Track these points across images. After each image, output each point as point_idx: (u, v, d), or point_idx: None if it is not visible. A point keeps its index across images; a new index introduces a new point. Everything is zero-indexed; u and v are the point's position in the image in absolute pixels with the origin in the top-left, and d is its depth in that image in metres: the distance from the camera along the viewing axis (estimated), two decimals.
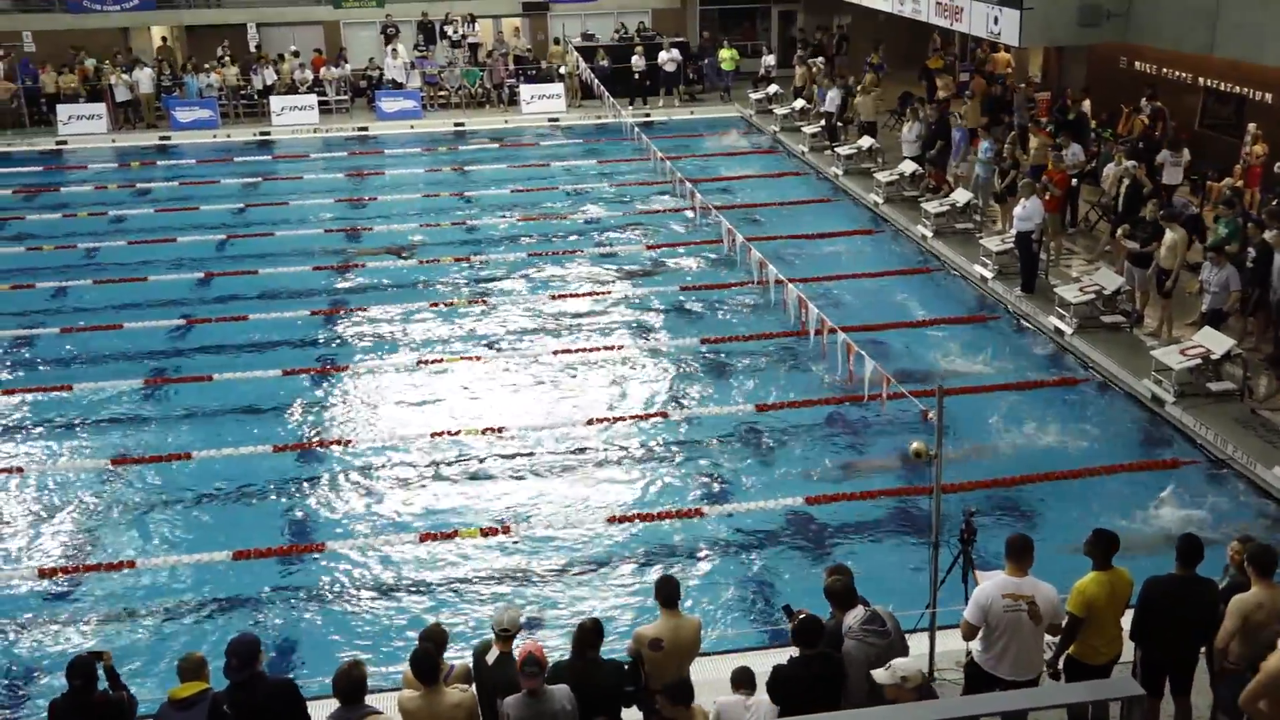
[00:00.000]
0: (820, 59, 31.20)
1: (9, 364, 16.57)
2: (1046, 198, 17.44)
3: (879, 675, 6.55)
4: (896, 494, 12.50)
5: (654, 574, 10.44)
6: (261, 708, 6.84)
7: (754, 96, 31.55)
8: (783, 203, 23.54)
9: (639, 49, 32.58)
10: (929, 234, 20.30)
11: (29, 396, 15.36)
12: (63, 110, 30.77)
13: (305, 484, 13.08)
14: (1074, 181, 19.17)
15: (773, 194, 24.25)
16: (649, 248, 21.26)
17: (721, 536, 11.91)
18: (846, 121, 26.93)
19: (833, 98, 26.79)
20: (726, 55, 33.14)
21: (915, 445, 8.71)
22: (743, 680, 7.10)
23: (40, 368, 16.41)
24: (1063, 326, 16.08)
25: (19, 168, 27.87)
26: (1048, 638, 7.69)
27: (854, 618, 7.17)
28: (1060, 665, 7.76)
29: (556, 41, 34.73)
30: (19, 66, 32.17)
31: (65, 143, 30.07)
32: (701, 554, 11.63)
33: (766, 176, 25.81)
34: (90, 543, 12.00)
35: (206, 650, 7.47)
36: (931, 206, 20.54)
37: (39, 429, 14.50)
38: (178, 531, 12.17)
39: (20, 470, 13.41)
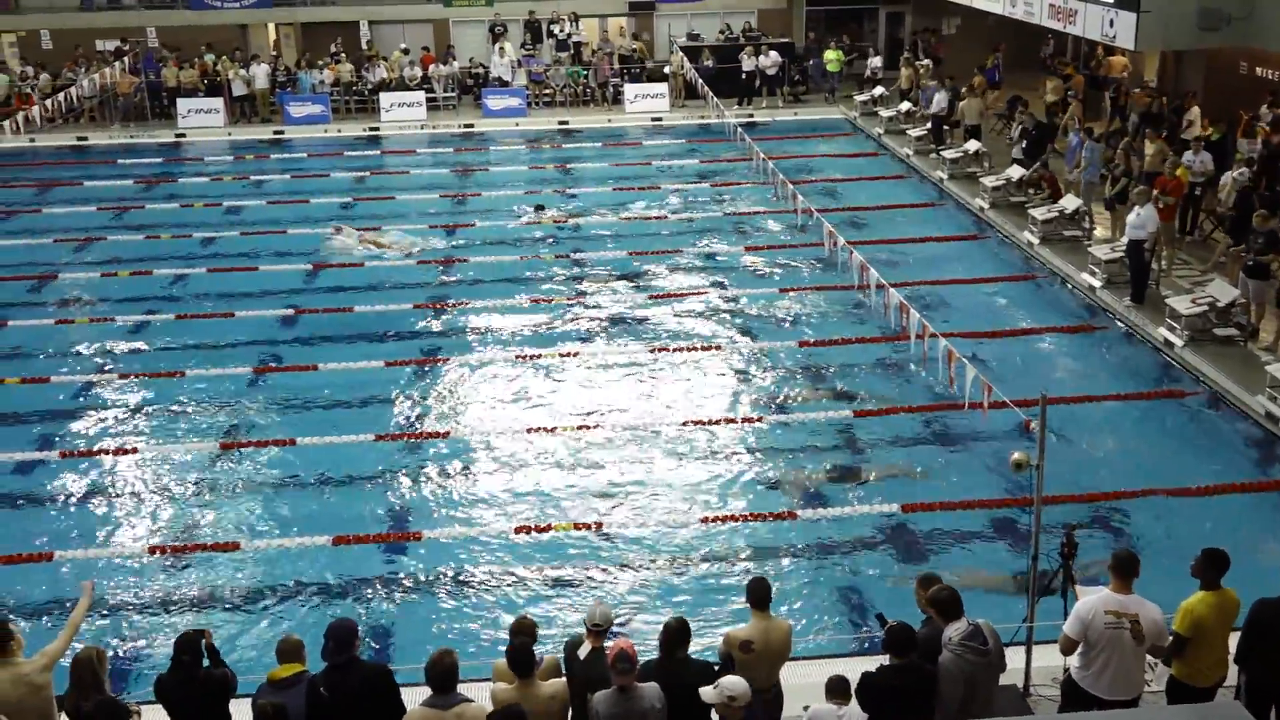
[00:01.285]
0: (927, 60, 30.79)
1: (127, 348, 17.13)
2: (1160, 206, 16.98)
3: (706, 694, 6.59)
4: (995, 504, 12.28)
5: (745, 575, 10.43)
6: (357, 691, 6.99)
7: (859, 98, 31.25)
8: (886, 206, 23.28)
9: (747, 49, 32.48)
10: (1035, 240, 19.90)
11: (145, 380, 15.88)
12: (182, 104, 31.77)
13: (405, 473, 13.31)
14: (1197, 190, 18.65)
15: (876, 197, 24.00)
16: (749, 249, 21.20)
17: (814, 540, 11.84)
18: (953, 124, 26.53)
19: (939, 100, 26.41)
20: (832, 56, 32.86)
21: (1016, 455, 8.56)
22: (837, 689, 7.05)
23: (156, 352, 16.94)
24: (1173, 339, 15.64)
25: (140, 159, 28.84)
26: (1149, 658, 7.51)
27: (955, 630, 7.06)
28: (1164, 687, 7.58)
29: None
30: (143, 62, 33.30)
31: (184, 135, 31.04)
32: (793, 557, 11.57)
33: (870, 179, 25.54)
34: (198, 523, 12.36)
35: (303, 634, 7.65)
36: (1039, 212, 20.13)
37: (153, 411, 14.98)
38: (281, 516, 12.46)
39: (135, 450, 13.88)
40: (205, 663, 7.38)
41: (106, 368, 16.41)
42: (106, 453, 13.83)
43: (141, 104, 32.43)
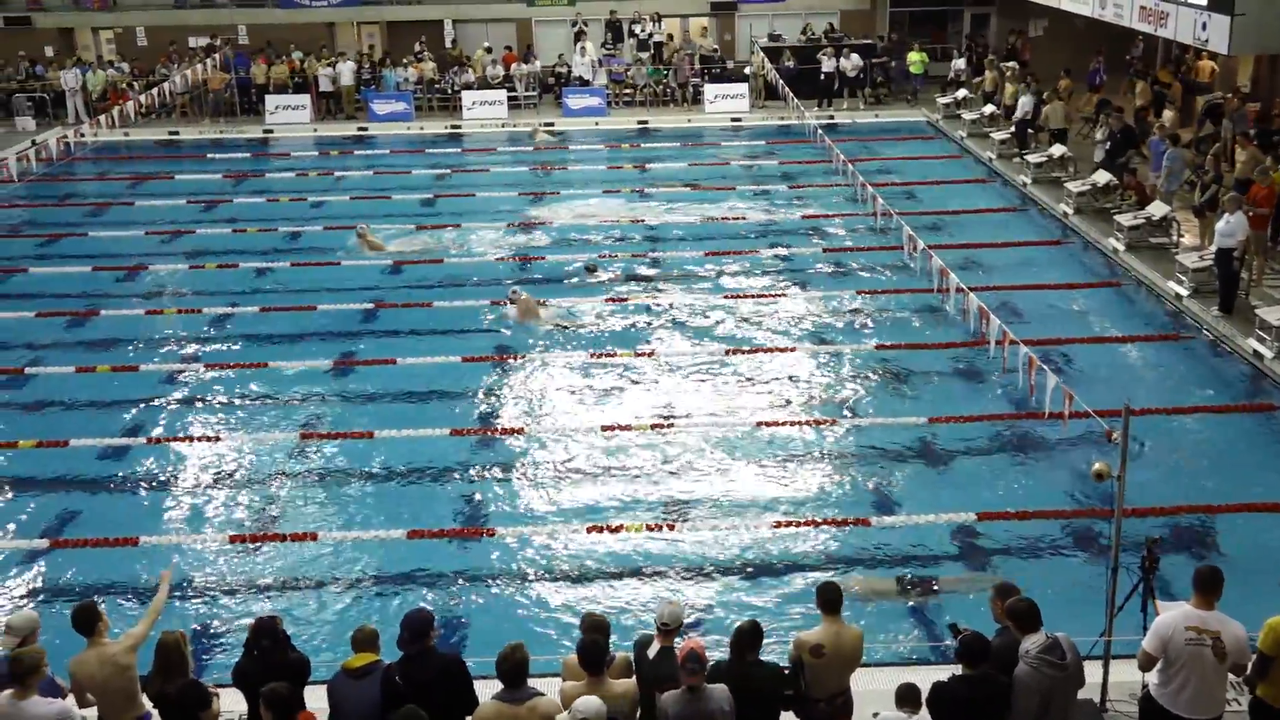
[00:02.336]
0: (1012, 63, 30.34)
1: (212, 338, 17.51)
2: (1250, 214, 16.55)
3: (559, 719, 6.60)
4: (1073, 515, 12.07)
5: (816, 580, 10.37)
6: (432, 681, 7.08)
7: (941, 100, 30.91)
8: (967, 210, 22.98)
9: (828, 50, 32.27)
10: (1121, 247, 19.51)
11: (229, 371, 16.23)
12: (271, 100, 32.43)
13: (479, 469, 13.43)
14: None
15: (957, 200, 23.71)
16: (826, 250, 21.06)
17: (886, 547, 11.73)
18: (1037, 128, 26.11)
19: (1024, 104, 26.00)
20: (915, 58, 32.54)
21: (1097, 466, 8.40)
22: (908, 697, 6.99)
23: (240, 343, 17.30)
24: (1263, 350, 15.24)
25: (229, 154, 29.49)
26: (1231, 677, 7.33)
27: (1033, 642, 6.96)
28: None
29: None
30: (234, 58, 34.04)
31: (271, 131, 31.66)
32: (865, 563, 11.47)
33: (951, 183, 25.24)
34: (276, 512, 12.60)
35: (377, 623, 7.75)
36: (1125, 219, 19.74)
37: (236, 401, 15.31)
38: (357, 507, 12.66)
39: (218, 439, 14.19)
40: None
41: (192, 357, 16.79)
42: (191, 440, 14.17)
43: (231, 100, 33.14)
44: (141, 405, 15.25)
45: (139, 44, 35.70)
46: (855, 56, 32.21)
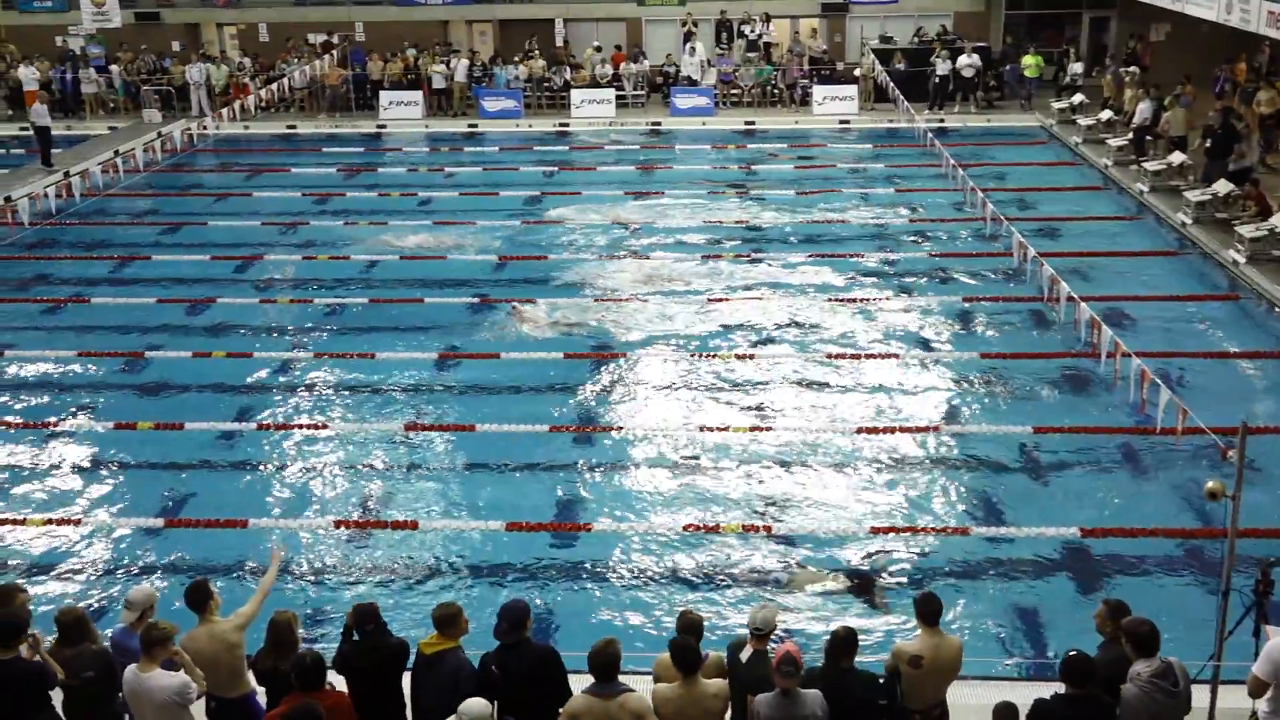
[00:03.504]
0: (1132, 67, 29.55)
1: (322, 328, 17.93)
2: None
3: None
4: (1184, 535, 11.74)
5: (913, 588, 10.25)
6: (527, 671, 7.18)
7: (1056, 106, 30.24)
8: (1081, 218, 22.47)
9: (941, 53, 31.80)
10: (1241, 260, 18.89)
11: (338, 360, 16.61)
12: (385, 96, 33.09)
13: (577, 464, 13.54)
14: None
15: (1070, 208, 23.18)
16: (933, 255, 20.78)
17: (986, 558, 11.54)
18: (1156, 136, 25.40)
19: (1143, 110, 25.31)
20: (1031, 62, 31.87)
21: (1211, 484, 8.15)
22: (1006, 715, 6.87)
23: (348, 334, 17.68)
24: None
25: (343, 148, 30.19)
26: None
27: (1146, 666, 6.78)
28: None
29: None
30: (351, 55, 34.82)
31: (385, 126, 32.31)
32: (963, 574, 11.30)
33: (1064, 190, 24.68)
34: (380, 501, 12.87)
35: (472, 614, 7.81)
36: (1246, 230, 19.10)
37: (344, 391, 15.65)
38: (458, 499, 12.86)
39: (325, 427, 14.54)
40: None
41: (303, 346, 17.22)
42: (300, 427, 14.54)
43: (347, 95, 33.88)
44: (253, 391, 15.69)
45: (261, 40, 36.70)
46: (975, 57, 31.67)
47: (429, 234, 22.46)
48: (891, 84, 30.50)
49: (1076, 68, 32.01)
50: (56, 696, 7.63)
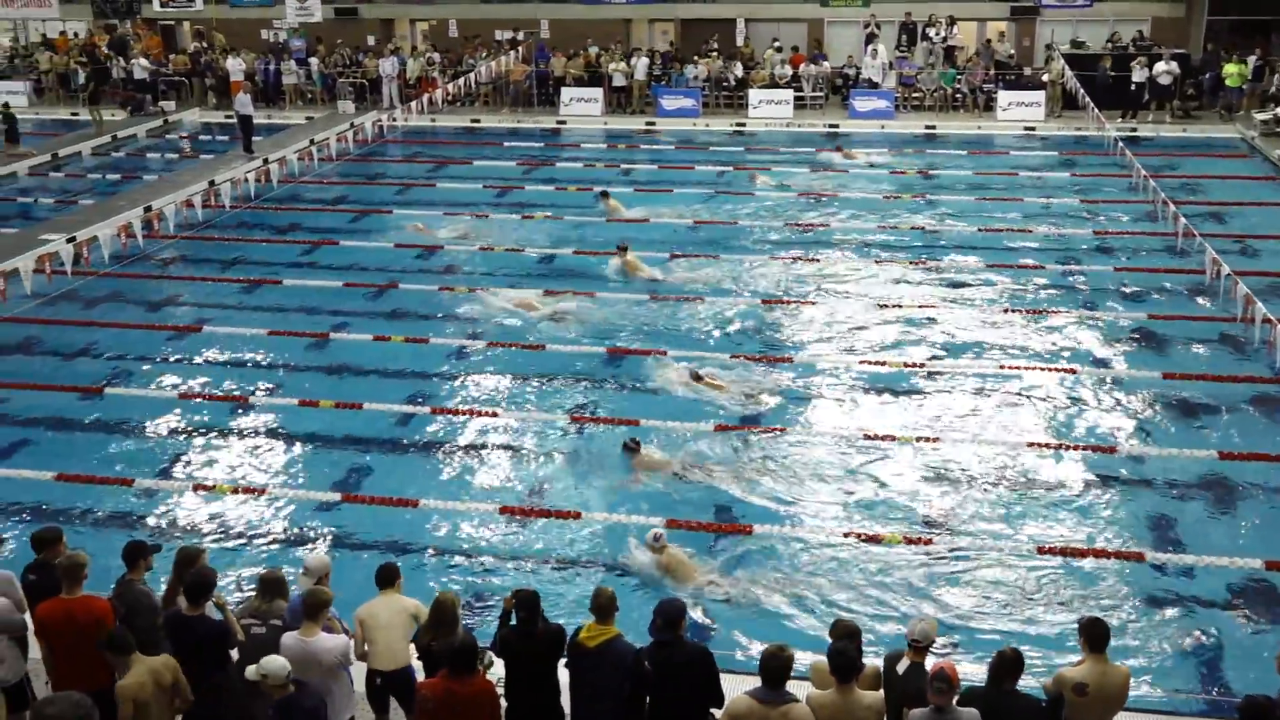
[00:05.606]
0: None
1: (497, 318, 18.37)
2: None
3: (249, 671, 6.88)
4: None
5: (1080, 612, 9.93)
6: (679, 669, 7.25)
7: (1259, 117, 28.73)
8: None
9: (1138, 59, 30.57)
10: None
11: (511, 350, 17.01)
12: (566, 93, 33.72)
13: (738, 465, 13.54)
14: None
15: (1269, 225, 22.03)
16: (1118, 269, 20.02)
17: (1160, 586, 11.09)
18: None
19: None
20: (1233, 70, 30.36)
21: None
22: None
23: (521, 325, 18.07)
24: None
25: (524, 143, 30.90)
26: None
27: None
28: None
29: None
30: (535, 51, 35.60)
31: (564, 122, 32.93)
32: (1135, 600, 10.88)
33: (1264, 205, 23.47)
34: (544, 489, 13.14)
35: (627, 609, 7.91)
36: None
37: (515, 379, 16.02)
38: (619, 491, 13.01)
39: (495, 414, 14.93)
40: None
41: (478, 334, 17.70)
42: (471, 414, 14.96)
43: (529, 91, 34.64)
44: (429, 376, 16.22)
45: (451, 35, 37.84)
46: (1173, 64, 30.35)
47: (604, 230, 22.76)
48: (1081, 90, 29.48)
49: None
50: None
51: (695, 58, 34.47)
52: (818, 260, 20.79)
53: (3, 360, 17.10)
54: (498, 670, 7.78)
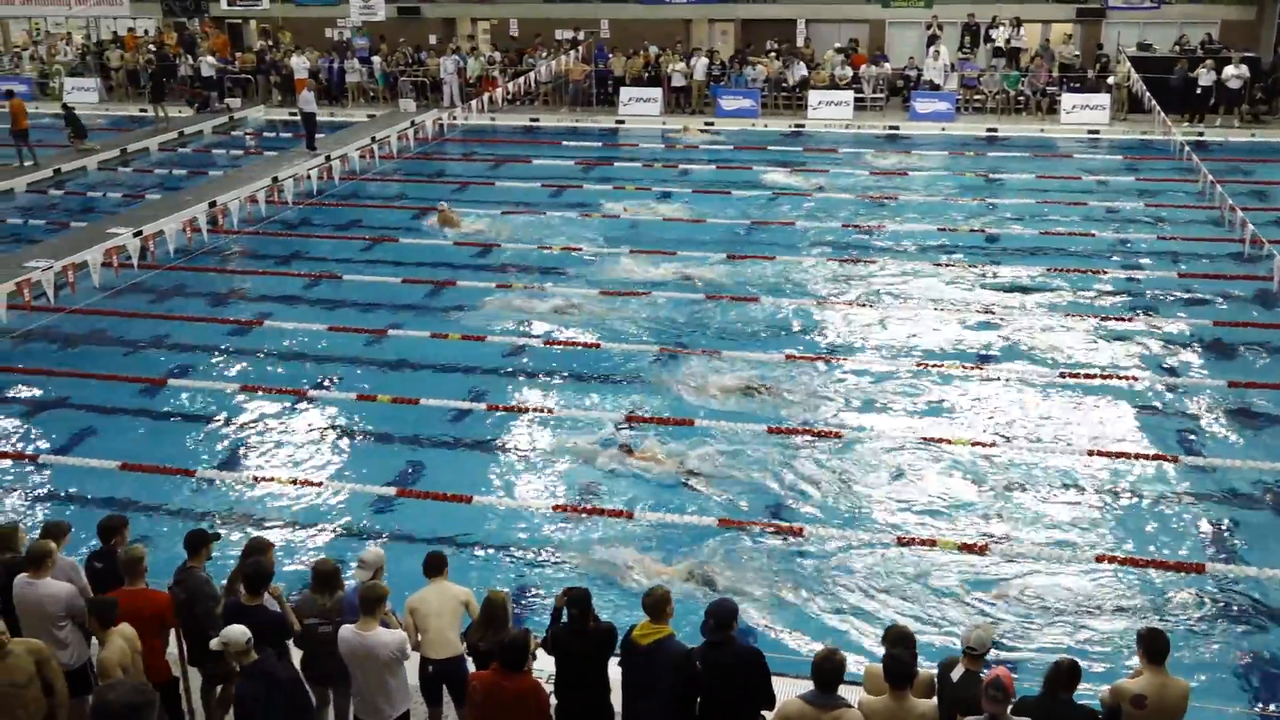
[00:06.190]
0: None
1: (552, 318, 18.44)
2: None
3: (213, 643, 7.23)
4: None
5: (1138, 624, 9.78)
6: (730, 670, 7.23)
7: None
8: None
9: (1206, 63, 30.03)
10: None
11: (564, 349, 17.09)
12: (625, 93, 33.79)
13: (795, 467, 13.47)
14: None
15: None
16: (1183, 276, 19.69)
17: (1221, 599, 10.89)
18: None
19: None
20: None
21: None
22: None
23: (577, 323, 18.13)
24: None
25: (582, 142, 31.03)
26: None
27: None
28: None
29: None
30: (594, 51, 35.72)
31: (623, 122, 33.01)
32: (1194, 613, 10.70)
33: None
34: (597, 488, 13.16)
35: (679, 608, 7.90)
36: None
37: (568, 378, 16.08)
38: (672, 492, 13.00)
39: (550, 411, 15.00)
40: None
41: (532, 332, 17.79)
42: (526, 410, 15.04)
43: (589, 90, 34.74)
44: (485, 373, 16.32)
45: (512, 35, 38.07)
46: (1243, 68, 29.79)
47: (659, 229, 22.77)
48: (1148, 93, 29.02)
49: None
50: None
51: (753, 59, 34.38)
52: (874, 262, 20.66)
53: (71, 351, 17.47)
54: (548, 667, 7.82)
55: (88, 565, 8.77)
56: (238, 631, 7.23)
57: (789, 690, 7.23)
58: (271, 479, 13.34)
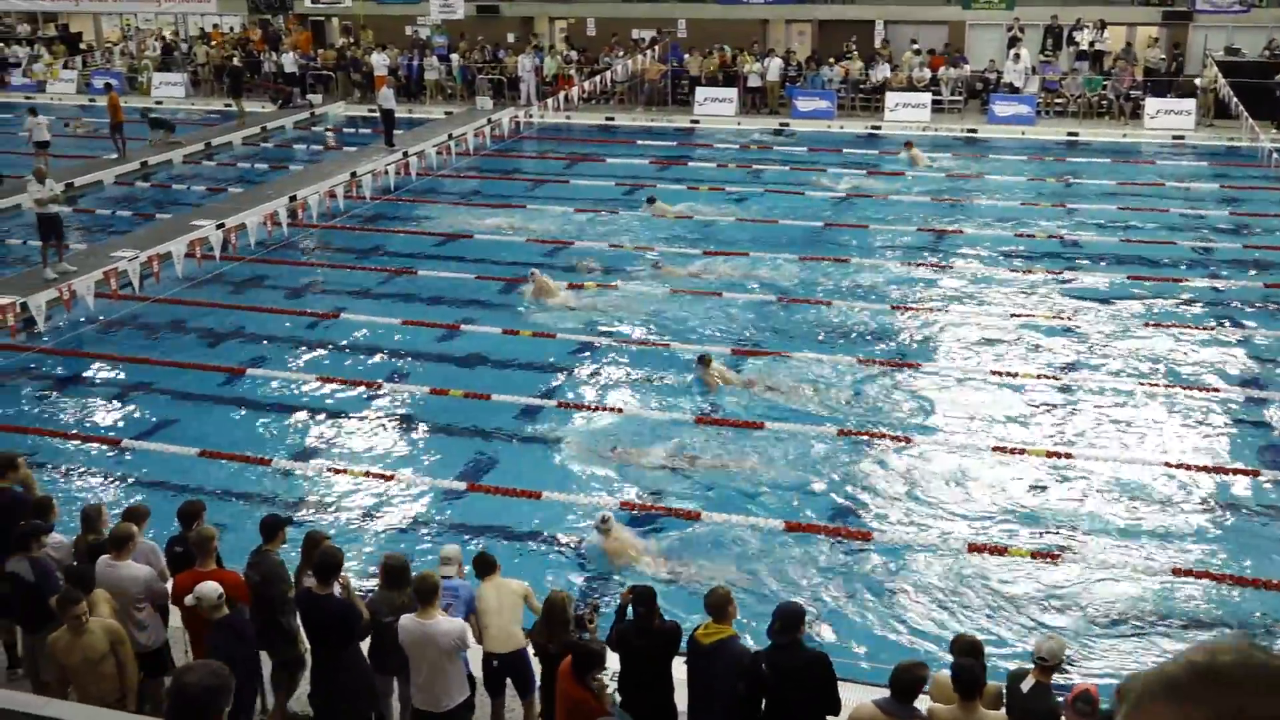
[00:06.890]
0: None
1: (621, 317, 18.48)
2: None
3: (185, 599, 7.67)
4: None
5: (1216, 637, 9.56)
6: (796, 673, 7.23)
7: None
8: None
9: None
10: None
11: (638, 349, 17.10)
12: (700, 92, 33.78)
13: (862, 470, 13.39)
14: None
15: None
16: (1269, 286, 19.22)
17: None
18: None
19: None
20: None
21: None
22: None
23: (645, 323, 18.15)
24: None
25: (657, 141, 31.07)
26: None
27: None
28: None
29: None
30: (669, 51, 35.75)
31: (698, 122, 32.98)
32: (1269, 627, 10.45)
33: None
34: (663, 488, 13.15)
35: (742, 609, 7.90)
36: None
37: (637, 377, 16.12)
38: (739, 493, 12.97)
39: (620, 410, 15.04)
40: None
41: (602, 331, 17.81)
42: (594, 409, 15.09)
43: (664, 90, 34.78)
44: (555, 370, 16.42)
45: (589, 34, 38.22)
46: None
47: (732, 231, 22.72)
48: (1235, 98, 28.36)
49: None
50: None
51: (831, 60, 34.16)
52: (950, 266, 20.44)
53: (154, 340, 17.90)
54: (613, 664, 7.86)
55: (167, 549, 8.99)
56: (209, 588, 7.65)
57: (851, 696, 7.20)
58: (344, 470, 13.53)
